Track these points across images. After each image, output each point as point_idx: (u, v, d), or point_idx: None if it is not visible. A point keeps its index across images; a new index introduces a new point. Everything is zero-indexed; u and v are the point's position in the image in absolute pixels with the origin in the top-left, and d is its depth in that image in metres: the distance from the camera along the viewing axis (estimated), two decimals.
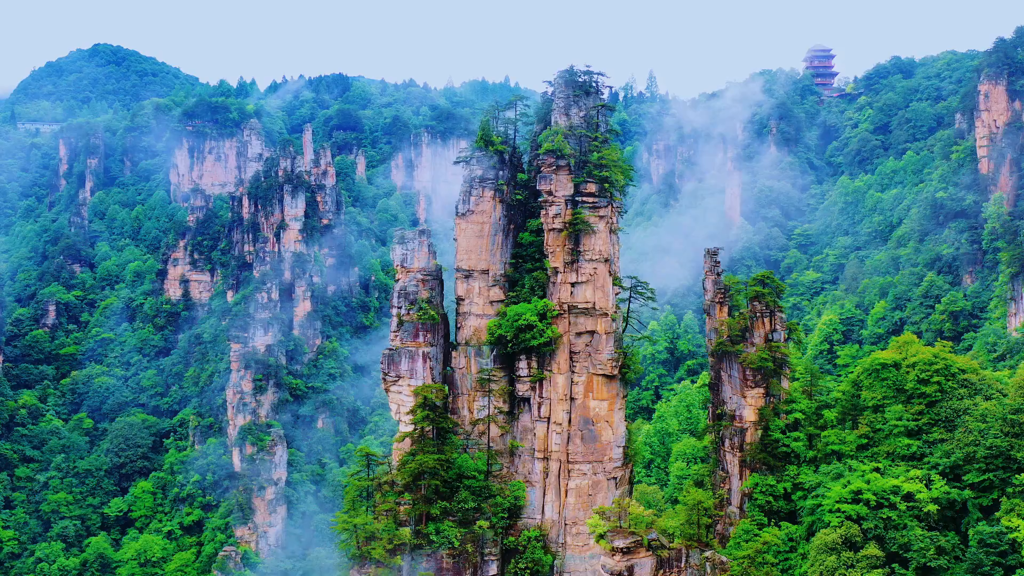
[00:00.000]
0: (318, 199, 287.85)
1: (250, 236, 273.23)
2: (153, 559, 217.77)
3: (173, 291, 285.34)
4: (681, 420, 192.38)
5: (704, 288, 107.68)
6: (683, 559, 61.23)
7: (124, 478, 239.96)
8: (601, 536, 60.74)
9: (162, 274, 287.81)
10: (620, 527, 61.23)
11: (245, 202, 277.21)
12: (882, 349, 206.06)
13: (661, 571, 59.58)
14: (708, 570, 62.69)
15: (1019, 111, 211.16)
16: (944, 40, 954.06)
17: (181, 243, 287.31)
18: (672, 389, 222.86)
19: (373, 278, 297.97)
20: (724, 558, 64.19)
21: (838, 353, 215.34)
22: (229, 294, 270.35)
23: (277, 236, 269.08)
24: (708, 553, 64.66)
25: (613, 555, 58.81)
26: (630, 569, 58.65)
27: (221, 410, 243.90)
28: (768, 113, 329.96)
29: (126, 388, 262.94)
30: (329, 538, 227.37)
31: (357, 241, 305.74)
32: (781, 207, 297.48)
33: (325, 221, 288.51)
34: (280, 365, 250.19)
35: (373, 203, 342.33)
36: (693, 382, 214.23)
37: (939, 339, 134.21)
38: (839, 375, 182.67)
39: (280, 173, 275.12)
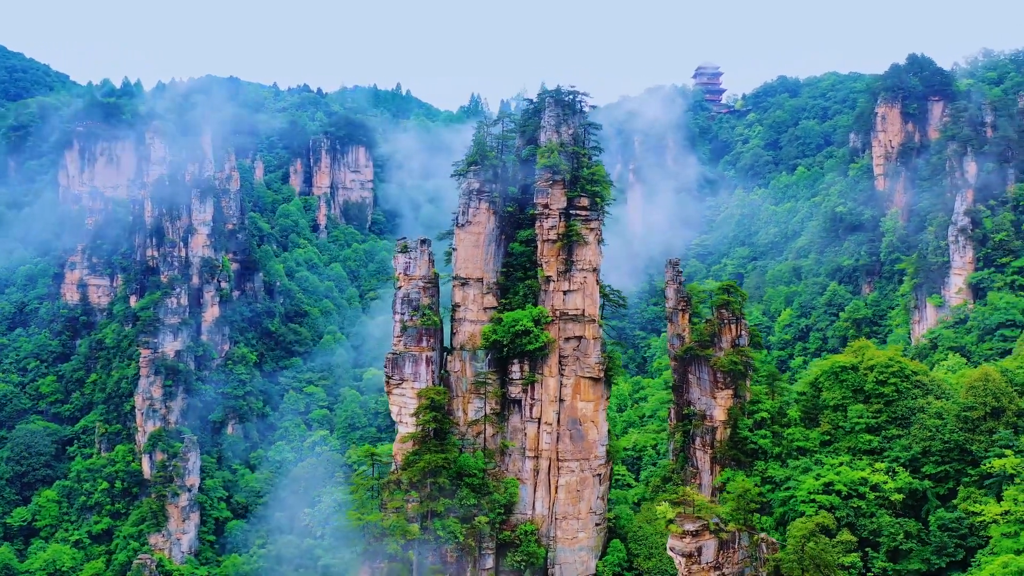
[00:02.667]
0: (223, 204, 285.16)
1: (154, 240, 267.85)
2: (63, 568, 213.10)
3: (70, 295, 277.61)
4: None
5: (665, 296, 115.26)
6: (737, 541, 67.64)
7: (26, 487, 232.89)
8: (670, 521, 66.50)
9: (58, 278, 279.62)
10: (685, 512, 67.22)
11: (148, 206, 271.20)
12: (789, 355, 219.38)
13: (722, 551, 65.77)
14: (764, 550, 69.35)
15: (912, 132, 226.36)
16: (825, 61, 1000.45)
17: (79, 247, 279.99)
18: None
19: (278, 283, 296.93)
20: (774, 540, 70.90)
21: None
22: (132, 299, 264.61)
23: (185, 241, 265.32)
24: (762, 534, 71.41)
25: (683, 538, 64.65)
26: (698, 550, 64.71)
27: (129, 416, 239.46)
28: (664, 127, 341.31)
29: (24, 395, 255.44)
30: (243, 544, 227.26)
31: (260, 247, 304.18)
32: (679, 218, 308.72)
33: (230, 226, 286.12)
34: (190, 371, 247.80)
35: (272, 209, 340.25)
36: None
37: (902, 347, 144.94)
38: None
39: (188, 177, 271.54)
